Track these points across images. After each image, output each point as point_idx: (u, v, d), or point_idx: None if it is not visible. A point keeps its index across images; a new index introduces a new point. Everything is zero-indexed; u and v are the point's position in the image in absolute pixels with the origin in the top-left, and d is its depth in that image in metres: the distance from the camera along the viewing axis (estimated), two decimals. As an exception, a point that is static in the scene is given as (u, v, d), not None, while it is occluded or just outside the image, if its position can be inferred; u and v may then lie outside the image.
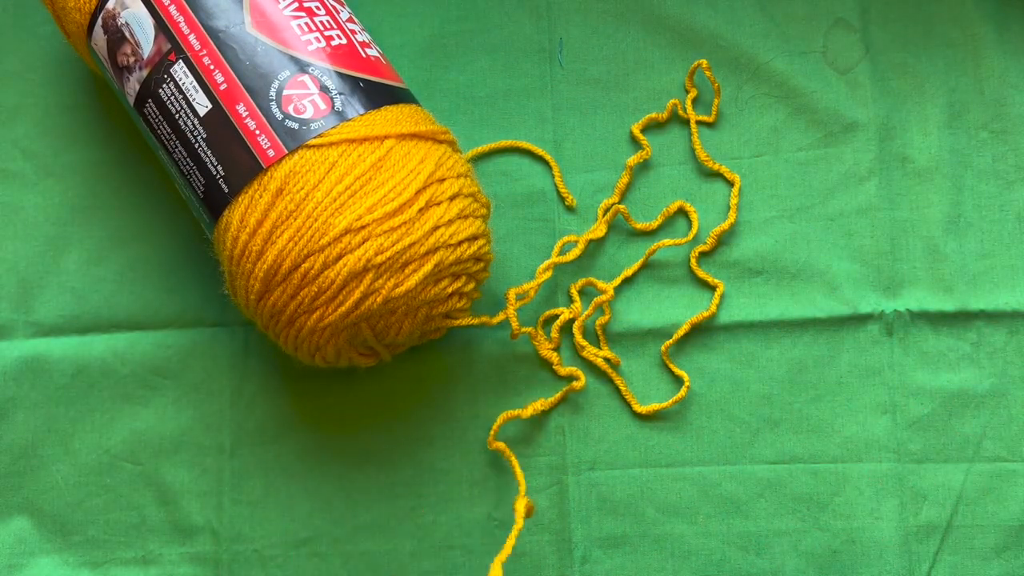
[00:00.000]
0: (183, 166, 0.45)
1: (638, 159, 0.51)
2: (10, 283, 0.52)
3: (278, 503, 0.50)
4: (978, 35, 0.52)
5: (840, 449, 0.49)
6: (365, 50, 0.46)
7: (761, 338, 0.50)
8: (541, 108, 0.53)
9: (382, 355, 0.47)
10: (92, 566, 0.50)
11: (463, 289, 0.46)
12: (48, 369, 0.51)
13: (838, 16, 0.53)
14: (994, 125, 0.51)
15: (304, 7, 0.46)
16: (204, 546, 0.50)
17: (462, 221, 0.44)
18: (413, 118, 0.45)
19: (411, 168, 0.44)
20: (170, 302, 0.52)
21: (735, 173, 0.51)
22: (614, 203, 0.51)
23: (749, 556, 0.48)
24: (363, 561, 0.49)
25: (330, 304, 0.43)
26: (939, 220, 0.51)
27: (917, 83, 0.52)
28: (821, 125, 0.52)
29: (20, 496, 0.50)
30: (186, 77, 0.44)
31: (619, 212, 0.51)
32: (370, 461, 0.50)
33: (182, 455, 0.50)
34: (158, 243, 0.52)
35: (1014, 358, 0.49)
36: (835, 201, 0.51)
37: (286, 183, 0.43)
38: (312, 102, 0.44)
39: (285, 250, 0.42)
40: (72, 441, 0.51)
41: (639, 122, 0.52)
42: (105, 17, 0.46)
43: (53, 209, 0.53)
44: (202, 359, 0.51)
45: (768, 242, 0.51)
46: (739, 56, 0.53)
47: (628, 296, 0.51)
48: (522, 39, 0.54)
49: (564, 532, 0.49)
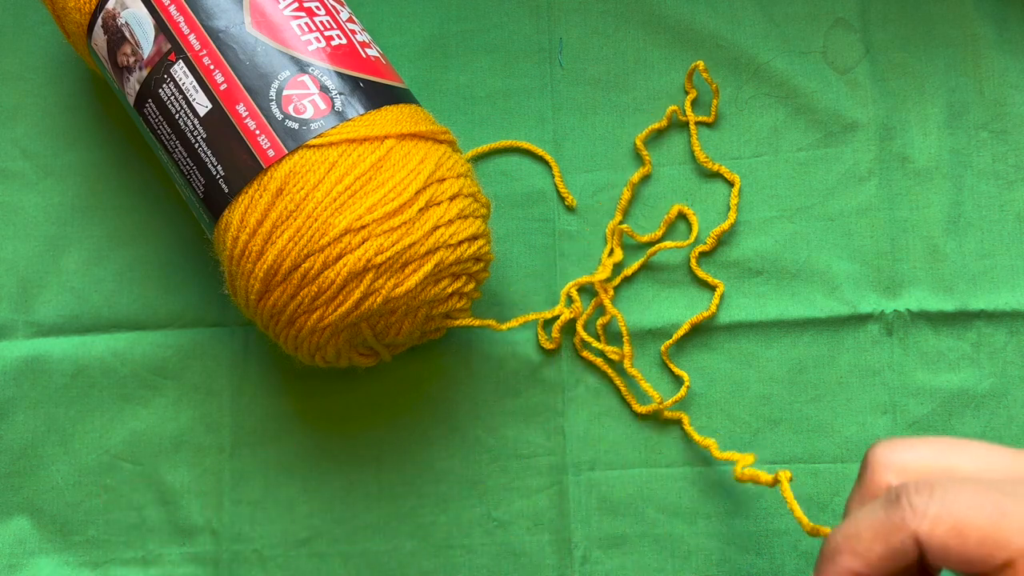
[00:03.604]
0: (183, 166, 0.45)
1: (639, 176, 0.51)
2: (10, 283, 0.52)
3: (278, 503, 0.50)
4: (978, 35, 0.52)
5: (840, 449, 0.49)
6: (365, 50, 0.46)
7: (761, 338, 0.50)
8: (541, 108, 0.53)
9: (382, 355, 0.47)
10: (92, 566, 0.50)
11: (463, 289, 0.46)
12: (48, 369, 0.51)
13: (838, 16, 0.53)
14: (994, 125, 0.51)
15: (304, 7, 0.46)
16: (204, 546, 0.50)
17: (462, 221, 0.44)
18: (413, 118, 0.45)
19: (411, 168, 0.44)
20: (170, 302, 0.52)
21: (735, 173, 0.52)
22: (617, 222, 0.51)
23: (749, 556, 0.48)
24: (363, 561, 0.49)
25: (330, 304, 0.43)
26: (939, 220, 0.51)
27: (917, 83, 0.52)
28: (821, 125, 0.52)
29: (20, 496, 0.50)
30: (186, 77, 0.44)
31: (624, 232, 0.51)
32: (370, 461, 0.50)
33: (182, 455, 0.50)
34: (158, 243, 0.53)
35: (1014, 358, 0.49)
36: (835, 201, 0.51)
37: (286, 183, 0.43)
38: (312, 102, 0.44)
39: (285, 250, 0.42)
40: (72, 441, 0.51)
41: (642, 133, 0.52)
42: (105, 17, 0.46)
43: (53, 209, 0.53)
44: (202, 359, 0.51)
45: (768, 242, 0.51)
46: (739, 56, 0.53)
47: (628, 296, 0.51)
48: (522, 39, 0.54)
49: (564, 532, 0.49)
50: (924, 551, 0.32)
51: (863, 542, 0.33)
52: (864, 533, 0.33)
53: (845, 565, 0.33)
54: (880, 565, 0.33)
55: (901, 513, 0.32)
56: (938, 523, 0.31)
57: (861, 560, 0.33)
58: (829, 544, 0.35)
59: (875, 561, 0.33)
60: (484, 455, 0.50)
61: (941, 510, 0.32)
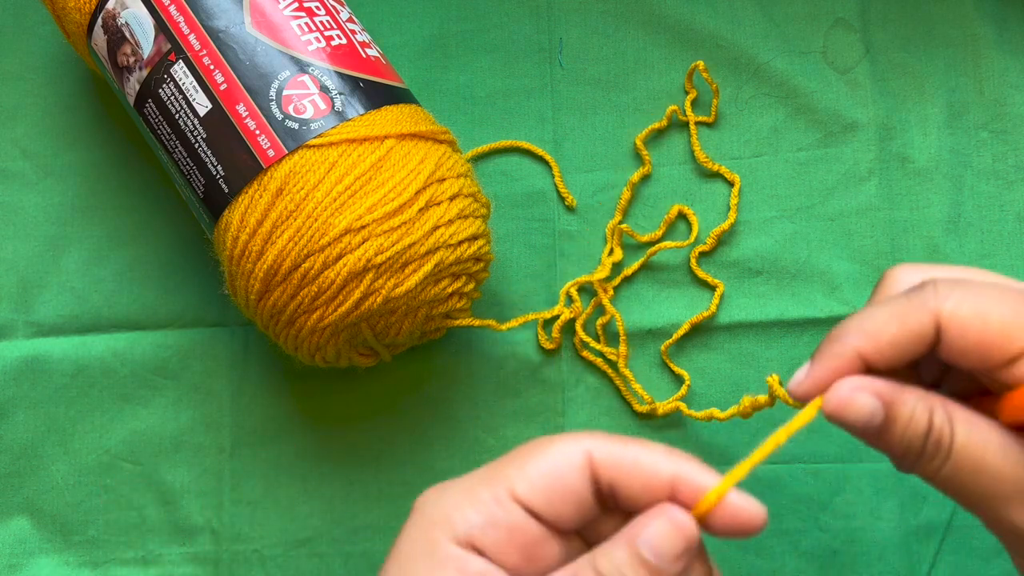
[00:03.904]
0: (183, 166, 0.45)
1: (639, 176, 0.51)
2: (10, 283, 0.52)
3: (278, 503, 0.50)
4: (978, 35, 0.52)
5: (840, 449, 0.49)
6: (365, 50, 0.46)
7: (761, 338, 0.50)
8: (541, 108, 0.53)
9: (382, 355, 0.47)
10: (92, 566, 0.50)
11: (463, 289, 0.46)
12: (48, 369, 0.51)
13: (838, 16, 0.53)
14: (994, 125, 0.51)
15: (304, 7, 0.46)
16: (204, 546, 0.50)
17: (462, 221, 0.44)
18: (413, 118, 0.45)
19: (411, 168, 0.44)
20: (170, 302, 0.52)
21: (735, 173, 0.51)
22: (617, 222, 0.51)
23: (749, 556, 0.48)
24: (363, 561, 0.49)
25: (330, 304, 0.43)
26: (939, 220, 0.51)
27: (917, 83, 0.52)
28: (821, 125, 0.52)
29: (20, 496, 0.50)
30: (186, 77, 0.44)
31: (623, 232, 0.51)
32: (370, 461, 0.50)
33: (182, 455, 0.50)
34: (158, 243, 0.53)
35: (1014, 358, 0.49)
36: (835, 201, 0.51)
37: (286, 183, 0.43)
38: (312, 102, 0.44)
39: (285, 250, 0.42)
40: (72, 441, 0.51)
41: (641, 133, 0.52)
42: (105, 17, 0.46)
43: (53, 209, 0.53)
44: (202, 359, 0.51)
45: (768, 242, 0.51)
46: (739, 56, 0.53)
47: (628, 296, 0.51)
48: (522, 39, 0.54)
49: (564, 532, 0.49)
50: (942, 335, 0.30)
51: (877, 322, 0.31)
52: (880, 315, 0.31)
53: (851, 344, 0.31)
54: (890, 351, 0.31)
55: (924, 296, 0.31)
56: (962, 304, 0.30)
57: (871, 341, 0.31)
58: (838, 327, 0.32)
59: (885, 345, 0.31)
60: (484, 455, 0.50)
61: (967, 294, 0.31)
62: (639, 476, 0.30)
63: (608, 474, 0.30)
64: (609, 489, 0.30)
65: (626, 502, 0.31)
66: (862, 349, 0.31)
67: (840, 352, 0.32)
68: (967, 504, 0.32)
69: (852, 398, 0.31)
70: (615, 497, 0.30)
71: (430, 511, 0.31)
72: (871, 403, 0.31)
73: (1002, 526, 0.31)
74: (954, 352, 0.31)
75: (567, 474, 0.30)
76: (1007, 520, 0.31)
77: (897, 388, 0.31)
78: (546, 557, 0.30)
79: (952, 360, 0.31)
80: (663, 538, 0.29)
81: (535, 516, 0.30)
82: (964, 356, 0.31)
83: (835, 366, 0.32)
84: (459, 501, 0.30)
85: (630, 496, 0.30)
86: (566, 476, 0.29)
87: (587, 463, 0.30)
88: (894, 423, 0.31)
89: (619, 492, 0.30)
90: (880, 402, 0.31)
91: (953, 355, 0.31)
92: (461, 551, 0.29)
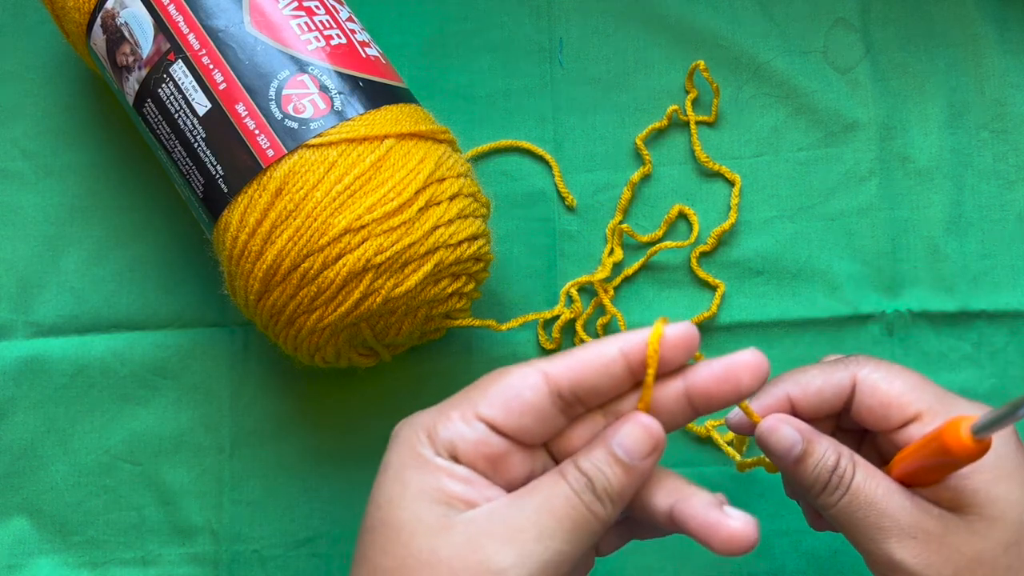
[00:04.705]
0: (182, 166, 0.45)
1: (640, 176, 0.51)
2: (10, 283, 0.52)
3: (278, 503, 0.50)
4: (979, 35, 0.52)
5: (841, 449, 0.49)
6: (365, 50, 0.46)
7: (761, 338, 0.50)
8: (541, 108, 0.53)
9: (382, 355, 0.47)
10: (92, 566, 0.50)
11: (463, 289, 0.46)
12: (48, 369, 0.51)
13: (838, 16, 0.53)
14: (995, 125, 0.51)
15: (304, 6, 0.45)
16: (204, 546, 0.50)
17: (462, 221, 0.44)
18: (413, 118, 0.45)
19: (411, 168, 0.43)
20: (170, 302, 0.52)
21: (735, 173, 0.51)
22: (618, 222, 0.51)
23: (749, 556, 0.48)
24: (363, 561, 0.49)
25: (330, 304, 0.43)
26: (940, 220, 0.51)
27: (917, 83, 0.52)
28: (821, 125, 0.52)
29: (20, 496, 0.50)
30: (185, 77, 0.44)
31: (624, 232, 0.51)
32: (370, 461, 0.50)
33: (182, 455, 0.50)
34: (157, 243, 0.52)
35: (1015, 358, 0.49)
36: (835, 201, 0.51)
37: (285, 183, 0.43)
38: (312, 102, 0.44)
39: (284, 250, 0.42)
40: (72, 441, 0.51)
41: (642, 133, 0.52)
42: (104, 17, 0.46)
43: (53, 209, 0.53)
44: (202, 359, 0.51)
45: (768, 242, 0.51)
46: (739, 56, 0.53)
47: (628, 296, 0.51)
48: (522, 39, 0.54)
49: (564, 532, 0.49)
50: (855, 393, 0.38)
51: (807, 375, 0.39)
52: (811, 370, 0.39)
53: (785, 389, 0.38)
54: (815, 399, 0.38)
55: (847, 361, 0.39)
56: (875, 371, 0.38)
57: (800, 389, 0.38)
58: (776, 378, 0.39)
59: (812, 394, 0.38)
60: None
61: (881, 365, 0.38)
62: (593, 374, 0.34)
63: (567, 384, 0.33)
64: (572, 396, 0.34)
65: (593, 399, 0.34)
66: (792, 394, 0.38)
67: (775, 394, 0.39)
68: (854, 535, 0.37)
69: (778, 427, 0.37)
70: (581, 401, 0.34)
71: (408, 433, 0.35)
72: (793, 435, 0.37)
73: (880, 559, 0.36)
74: (862, 409, 0.38)
75: (523, 392, 0.33)
76: (886, 553, 0.36)
77: (816, 432, 0.37)
78: (511, 468, 0.34)
79: (861, 419, 0.38)
80: (633, 439, 0.34)
81: (499, 432, 0.34)
82: (871, 414, 0.37)
83: (768, 404, 0.38)
84: (433, 421, 0.35)
85: (593, 393, 0.34)
86: (523, 394, 0.33)
87: (543, 380, 0.33)
88: (810, 456, 0.37)
89: (581, 395, 0.34)
90: (801, 437, 0.37)
91: (862, 413, 0.38)
92: (446, 460, 0.34)
